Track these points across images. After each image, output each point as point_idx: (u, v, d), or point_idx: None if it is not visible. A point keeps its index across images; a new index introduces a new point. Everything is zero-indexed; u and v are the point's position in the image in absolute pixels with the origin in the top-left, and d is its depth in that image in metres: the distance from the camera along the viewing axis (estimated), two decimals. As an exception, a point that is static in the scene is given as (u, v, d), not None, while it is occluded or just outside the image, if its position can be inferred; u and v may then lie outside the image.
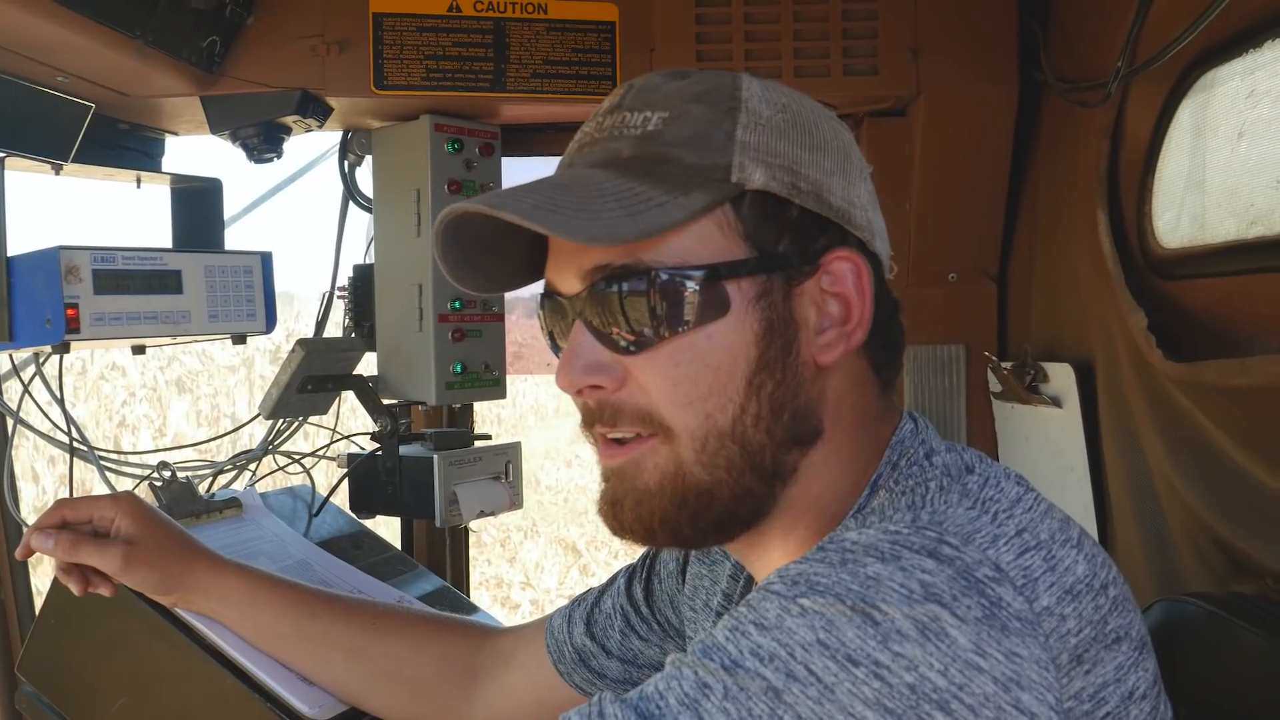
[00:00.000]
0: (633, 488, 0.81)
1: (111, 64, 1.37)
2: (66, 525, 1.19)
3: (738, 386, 0.79)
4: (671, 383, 0.79)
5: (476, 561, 8.38)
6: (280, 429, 1.75)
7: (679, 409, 0.79)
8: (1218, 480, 1.18)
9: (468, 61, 1.60)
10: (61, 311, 1.33)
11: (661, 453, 0.80)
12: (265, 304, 1.62)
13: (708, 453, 0.79)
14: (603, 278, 0.79)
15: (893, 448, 0.84)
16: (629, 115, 0.82)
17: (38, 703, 1.31)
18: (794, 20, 1.63)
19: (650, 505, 0.81)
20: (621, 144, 0.82)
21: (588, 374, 0.81)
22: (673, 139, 0.80)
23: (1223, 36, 1.20)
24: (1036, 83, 1.63)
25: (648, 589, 1.15)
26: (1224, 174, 1.24)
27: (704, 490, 0.80)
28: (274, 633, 1.22)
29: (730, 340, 0.79)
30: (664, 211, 0.76)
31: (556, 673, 1.17)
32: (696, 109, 0.81)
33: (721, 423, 0.79)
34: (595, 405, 0.82)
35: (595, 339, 0.81)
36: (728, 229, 0.79)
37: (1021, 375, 1.62)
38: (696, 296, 0.78)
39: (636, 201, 0.76)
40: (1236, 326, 1.18)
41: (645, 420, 0.80)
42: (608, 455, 0.83)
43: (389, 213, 1.73)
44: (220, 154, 1.76)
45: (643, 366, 0.80)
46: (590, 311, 0.81)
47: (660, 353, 0.79)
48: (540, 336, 0.92)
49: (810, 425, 0.82)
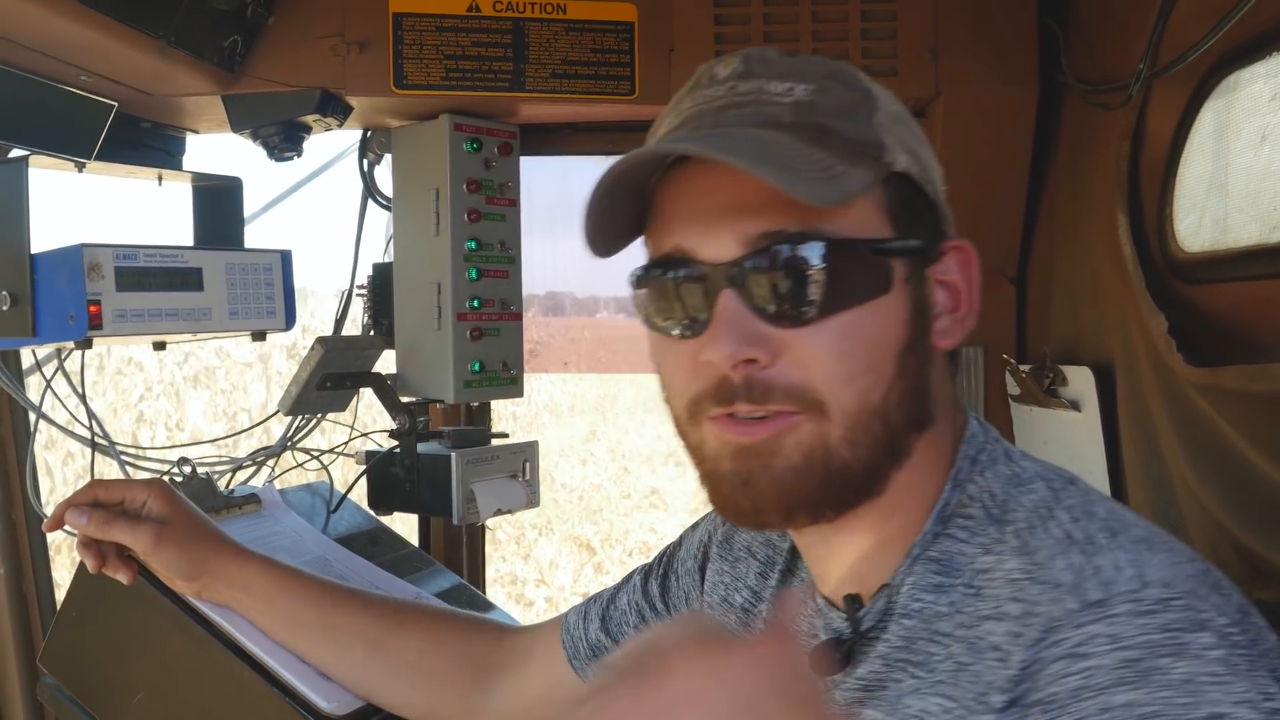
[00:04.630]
0: (768, 465, 0.77)
1: (134, 63, 1.38)
2: (99, 504, 1.21)
3: (890, 365, 0.78)
4: (836, 357, 0.76)
5: (491, 559, 8.38)
6: (299, 426, 1.76)
7: (839, 385, 0.76)
8: (1238, 486, 1.17)
9: (487, 61, 1.60)
10: (84, 308, 1.34)
11: (804, 429, 0.76)
12: (285, 302, 1.63)
13: (855, 430, 0.77)
14: (774, 244, 0.76)
15: (968, 442, 0.84)
16: (767, 83, 0.80)
17: (59, 695, 1.32)
18: (812, 21, 1.62)
19: (793, 484, 0.77)
20: (776, 109, 0.79)
21: (747, 345, 0.75)
22: (828, 111, 0.79)
23: (1246, 39, 1.19)
24: (1057, 84, 1.62)
25: (664, 587, 1.15)
26: (1246, 177, 1.23)
27: (846, 467, 0.77)
28: (296, 621, 1.23)
29: (889, 318, 0.78)
30: (848, 180, 0.75)
31: (571, 668, 1.18)
32: (835, 87, 0.80)
33: (873, 400, 0.77)
34: (742, 381, 0.76)
35: (749, 309, 0.76)
36: (879, 208, 0.79)
37: (1040, 378, 1.61)
38: (867, 270, 0.77)
39: (823, 166, 0.74)
40: (1258, 331, 1.17)
41: (798, 397, 0.76)
42: (741, 432, 0.77)
43: (408, 211, 1.74)
44: (241, 152, 1.76)
45: (806, 340, 0.76)
46: (752, 280, 0.76)
47: (827, 326, 0.76)
48: (554, 335, 0.90)
49: (928, 410, 0.82)
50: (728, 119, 0.80)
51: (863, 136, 0.78)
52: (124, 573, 1.22)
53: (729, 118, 0.80)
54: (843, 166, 0.75)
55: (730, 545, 1.07)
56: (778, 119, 0.78)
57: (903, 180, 0.80)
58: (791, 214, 0.75)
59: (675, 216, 0.80)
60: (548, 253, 2.03)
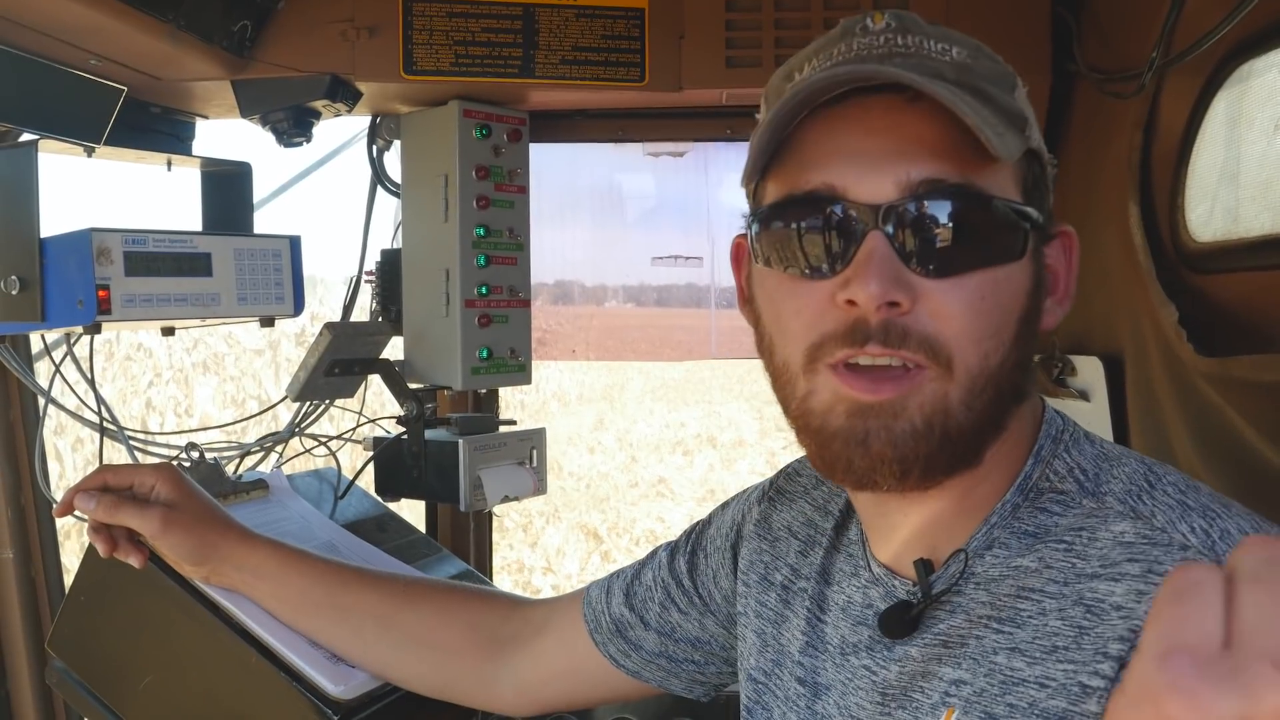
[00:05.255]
0: (889, 426, 0.76)
1: (144, 48, 1.38)
2: (107, 489, 1.22)
3: (1011, 332, 0.79)
4: (975, 314, 0.77)
5: (498, 546, 8.40)
6: (307, 411, 1.76)
7: (970, 342, 0.77)
8: (1248, 476, 1.16)
9: (497, 47, 1.60)
10: (93, 293, 1.35)
11: (928, 390, 0.77)
12: (293, 287, 1.63)
13: (974, 393, 0.77)
14: (933, 191, 0.76)
15: (1049, 422, 0.86)
16: (927, 41, 0.80)
17: (67, 678, 1.33)
18: (824, 8, 1.62)
19: (913, 445, 0.77)
20: (940, 65, 0.79)
21: (895, 287, 0.75)
22: (985, 75, 0.80)
23: (1260, 28, 1.18)
24: (1069, 73, 1.61)
25: (692, 564, 1.16)
26: (1259, 167, 1.23)
27: (961, 431, 0.78)
28: (306, 602, 1.24)
29: (1018, 285, 0.79)
30: (1011, 141, 0.76)
31: (592, 642, 1.19)
32: (985, 57, 0.81)
33: (994, 364, 0.78)
34: (880, 324, 0.76)
35: (896, 254, 0.76)
36: (1016, 178, 0.80)
37: (1049, 368, 1.61)
38: (1010, 233, 0.78)
39: (992, 123, 0.75)
40: (1269, 321, 1.17)
41: (930, 348, 0.76)
42: (867, 388, 0.76)
43: (417, 198, 1.74)
44: (250, 138, 1.76)
45: (945, 292, 0.76)
46: (905, 224, 0.76)
47: (969, 281, 0.77)
48: (562, 323, 0.91)
49: (1029, 384, 0.83)
50: (896, 64, 0.79)
51: (1011, 107, 0.80)
52: (135, 556, 1.22)
53: (896, 63, 0.79)
54: (1003, 129, 0.76)
55: (769, 525, 1.08)
56: (943, 74, 0.78)
57: (1035, 157, 0.82)
58: (954, 164, 0.76)
59: (825, 155, 0.79)
60: (557, 241, 2.03)
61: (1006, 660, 0.78)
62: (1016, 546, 0.82)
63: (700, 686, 1.19)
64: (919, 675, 0.84)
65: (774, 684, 1.00)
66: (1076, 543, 0.79)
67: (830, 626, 0.95)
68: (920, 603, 0.85)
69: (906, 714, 0.84)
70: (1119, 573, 0.75)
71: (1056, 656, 0.75)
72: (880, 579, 0.90)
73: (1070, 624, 0.75)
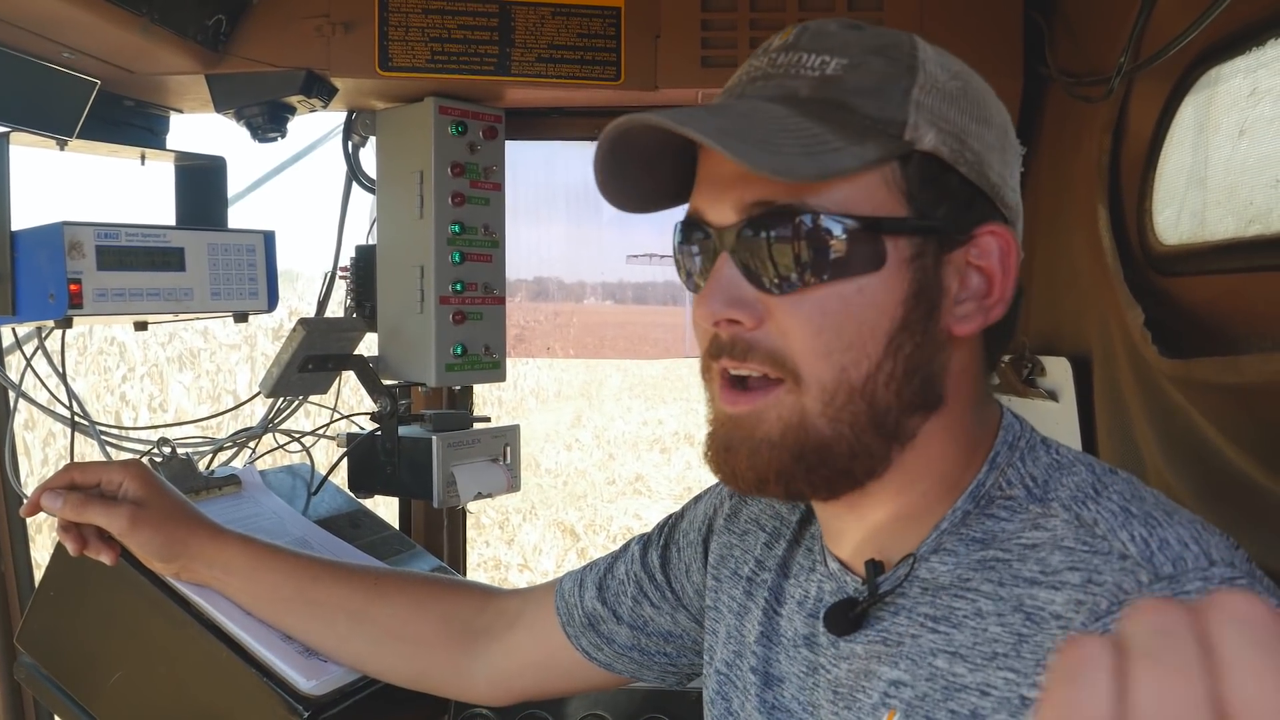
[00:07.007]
0: (750, 436, 0.81)
1: (117, 41, 1.37)
2: (75, 487, 1.21)
3: (877, 344, 0.79)
4: (815, 330, 0.79)
5: (475, 543, 8.41)
6: (280, 407, 1.76)
7: (816, 358, 0.79)
8: (1211, 477, 1.18)
9: (473, 45, 1.60)
10: (64, 287, 1.34)
11: (786, 403, 0.79)
12: (267, 283, 1.63)
13: (834, 406, 0.79)
14: (763, 213, 0.79)
15: (1006, 429, 0.87)
16: (805, 56, 0.82)
17: (36, 674, 1.32)
18: (799, 9, 1.62)
19: (768, 456, 0.80)
20: (799, 83, 0.81)
21: (729, 307, 0.80)
22: (852, 87, 0.80)
23: (1226, 34, 1.20)
24: (1040, 77, 1.63)
25: (665, 558, 1.16)
26: (1225, 172, 1.24)
27: (824, 444, 0.80)
28: (277, 597, 1.24)
29: (879, 296, 0.79)
30: (839, 157, 0.76)
31: (564, 635, 1.19)
32: (876, 61, 0.81)
33: (854, 377, 0.79)
34: (728, 339, 0.81)
35: (741, 274, 0.80)
36: (892, 185, 0.79)
37: (1019, 368, 1.62)
38: (854, 246, 0.78)
39: (814, 142, 0.76)
40: (1232, 324, 1.19)
41: (776, 362, 0.79)
42: (730, 401, 0.82)
43: (392, 194, 1.73)
44: (225, 132, 1.76)
45: (787, 309, 0.79)
46: (741, 246, 0.80)
47: (808, 297, 0.79)
48: (540, 320, 0.93)
49: (935, 393, 0.83)
50: (752, 90, 0.83)
51: (882, 114, 0.79)
52: (106, 554, 1.22)
53: (754, 89, 0.83)
54: (840, 143, 0.76)
55: (737, 518, 1.09)
56: (795, 93, 0.81)
57: (929, 159, 0.80)
58: (784, 186, 0.77)
59: (700, 181, 0.85)
60: (534, 238, 2.03)
61: (948, 665, 0.79)
62: (963, 552, 0.82)
63: (672, 676, 1.20)
64: (862, 674, 0.85)
65: (734, 674, 1.01)
66: (1016, 547, 0.79)
67: (785, 619, 0.97)
68: (864, 601, 0.86)
69: (851, 714, 0.85)
70: (1059, 581, 0.75)
71: (997, 664, 0.76)
72: (835, 574, 0.91)
73: (1010, 630, 0.76)
